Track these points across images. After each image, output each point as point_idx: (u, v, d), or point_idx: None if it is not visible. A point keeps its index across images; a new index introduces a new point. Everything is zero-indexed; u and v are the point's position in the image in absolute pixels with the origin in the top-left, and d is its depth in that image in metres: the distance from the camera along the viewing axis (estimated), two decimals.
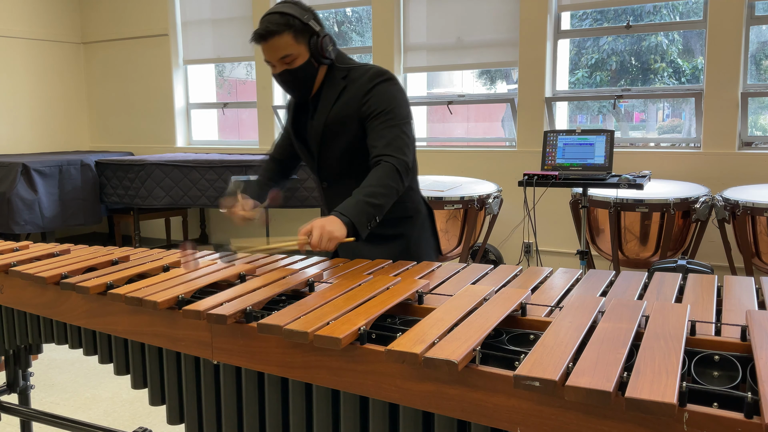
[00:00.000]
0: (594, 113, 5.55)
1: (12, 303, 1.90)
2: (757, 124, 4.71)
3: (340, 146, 1.96)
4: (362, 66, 1.97)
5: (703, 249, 4.25)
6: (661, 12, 5.12)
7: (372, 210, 1.75)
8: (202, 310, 1.36)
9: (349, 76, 1.95)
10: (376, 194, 1.76)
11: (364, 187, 1.78)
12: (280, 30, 1.82)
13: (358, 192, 1.77)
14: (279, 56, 1.86)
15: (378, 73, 1.92)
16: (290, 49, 1.85)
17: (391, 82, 1.92)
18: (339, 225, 1.67)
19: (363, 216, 1.73)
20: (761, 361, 0.97)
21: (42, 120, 6.65)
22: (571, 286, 1.52)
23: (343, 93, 1.94)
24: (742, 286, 1.44)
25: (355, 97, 1.92)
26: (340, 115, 1.93)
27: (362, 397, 1.22)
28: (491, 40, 5.08)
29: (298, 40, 1.85)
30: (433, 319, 1.21)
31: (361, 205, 1.73)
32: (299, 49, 1.86)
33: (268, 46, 1.85)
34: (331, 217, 1.69)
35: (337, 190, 2.03)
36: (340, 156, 1.97)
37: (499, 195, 4.37)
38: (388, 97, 1.89)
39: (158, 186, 5.36)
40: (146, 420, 2.92)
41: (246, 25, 6.04)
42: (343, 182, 2.01)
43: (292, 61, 1.87)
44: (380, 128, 1.85)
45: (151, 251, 2.03)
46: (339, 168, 2.01)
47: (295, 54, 1.86)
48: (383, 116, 1.86)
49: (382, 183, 1.78)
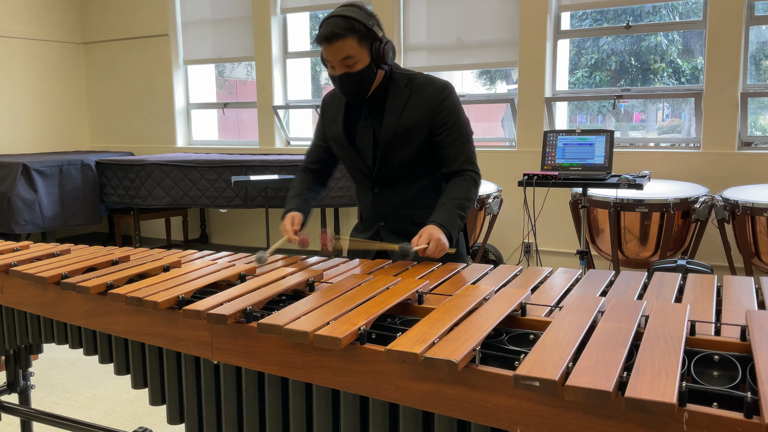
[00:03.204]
0: (594, 113, 5.55)
1: (12, 303, 1.90)
2: (757, 124, 4.72)
3: (405, 153, 2.00)
4: (421, 75, 2.03)
5: (703, 249, 4.25)
6: (660, 12, 5.12)
7: (461, 222, 1.93)
8: (202, 310, 1.36)
9: (412, 84, 2.00)
10: (464, 207, 1.94)
11: (455, 198, 1.93)
12: (345, 34, 1.84)
13: (449, 203, 1.92)
14: (341, 57, 1.87)
15: (445, 84, 2.01)
16: (353, 52, 1.87)
17: (455, 94, 2.02)
18: (444, 236, 1.83)
19: (456, 228, 1.90)
20: (761, 361, 0.97)
21: (42, 120, 6.65)
22: (571, 286, 1.52)
23: (409, 101, 1.98)
24: (741, 286, 1.44)
25: (425, 107, 1.97)
26: (410, 123, 1.98)
27: (362, 397, 1.22)
28: (491, 40, 5.08)
29: (362, 45, 1.87)
30: (433, 319, 1.21)
31: (455, 219, 1.90)
32: (362, 53, 1.88)
33: (332, 48, 1.86)
34: (436, 228, 1.84)
35: (388, 195, 2.07)
36: (404, 162, 2.01)
37: (499, 195, 4.37)
38: (458, 110, 2.00)
39: (158, 186, 5.36)
40: (146, 420, 2.93)
41: (246, 25, 6.04)
42: (396, 187, 2.05)
43: (353, 64, 1.88)
44: (458, 142, 1.99)
45: (151, 251, 2.03)
46: (397, 174, 2.04)
47: (357, 57, 1.88)
48: (457, 130, 1.99)
49: (468, 196, 1.96)
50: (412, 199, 2.05)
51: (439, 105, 1.97)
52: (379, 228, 2.09)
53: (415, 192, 2.05)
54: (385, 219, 2.08)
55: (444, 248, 1.82)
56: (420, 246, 1.80)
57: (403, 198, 2.05)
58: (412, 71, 2.04)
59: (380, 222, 2.09)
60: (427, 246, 1.80)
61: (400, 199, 2.05)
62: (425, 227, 1.86)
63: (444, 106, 1.97)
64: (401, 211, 2.05)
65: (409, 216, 2.04)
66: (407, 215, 2.05)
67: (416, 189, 2.04)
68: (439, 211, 1.91)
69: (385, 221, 2.08)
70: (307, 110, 6.14)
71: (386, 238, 2.06)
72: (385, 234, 2.08)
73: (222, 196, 5.24)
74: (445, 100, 1.98)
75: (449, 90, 1.99)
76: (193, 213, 6.57)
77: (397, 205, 2.06)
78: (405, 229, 2.03)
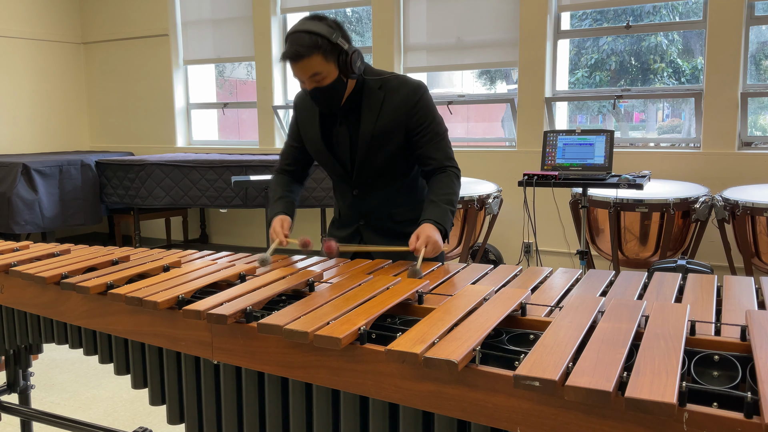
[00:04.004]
0: (594, 113, 5.55)
1: (12, 303, 1.90)
2: (757, 124, 4.71)
3: (383, 155, 2.02)
4: (393, 76, 2.03)
5: (703, 249, 4.25)
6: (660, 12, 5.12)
7: (451, 216, 1.97)
8: (202, 310, 1.36)
9: (385, 86, 2.01)
10: (453, 201, 1.98)
11: (443, 194, 1.97)
12: (309, 53, 1.83)
13: (438, 199, 1.96)
14: (308, 75, 1.88)
15: (419, 84, 2.03)
16: (320, 68, 1.87)
17: (428, 94, 2.04)
18: (439, 235, 1.87)
19: (449, 223, 1.95)
20: (761, 361, 0.97)
21: (42, 120, 6.65)
22: (571, 286, 1.52)
23: (384, 104, 1.99)
24: (741, 286, 1.44)
25: (400, 109, 1.99)
26: (386, 126, 1.99)
27: (362, 397, 1.22)
28: (491, 40, 5.08)
29: (328, 60, 1.87)
30: (433, 319, 1.21)
31: (447, 214, 1.95)
32: (329, 68, 1.88)
33: (298, 67, 1.87)
34: (432, 227, 1.87)
35: (367, 197, 2.09)
36: (382, 164, 2.03)
37: (499, 195, 4.37)
38: (433, 110, 2.03)
39: (158, 186, 5.36)
40: (146, 420, 2.93)
41: (246, 25, 6.04)
42: (375, 189, 2.08)
43: (322, 80, 1.89)
44: (435, 140, 2.02)
45: (151, 251, 2.03)
46: (376, 176, 2.06)
47: (325, 73, 1.88)
48: (433, 129, 2.02)
49: (454, 191, 2.00)
50: (391, 198, 2.08)
51: (414, 106, 1.99)
52: (359, 227, 2.12)
53: (393, 191, 2.08)
54: (365, 218, 2.11)
55: (439, 249, 1.85)
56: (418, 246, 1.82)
57: (382, 197, 2.08)
58: (384, 72, 2.05)
59: (360, 221, 2.12)
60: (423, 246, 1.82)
61: (379, 199, 2.08)
62: (421, 226, 1.87)
63: (419, 107, 1.99)
64: (380, 210, 2.09)
65: (388, 214, 2.08)
66: (386, 214, 2.08)
67: (394, 188, 2.08)
68: (430, 208, 1.93)
69: (365, 220, 2.11)
70: None
71: (366, 236, 2.10)
72: (365, 232, 2.11)
73: (222, 196, 5.24)
74: (419, 100, 1.99)
75: (423, 90, 2.01)
76: (193, 213, 6.57)
77: (376, 204, 2.09)
78: (384, 227, 2.08)
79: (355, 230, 2.12)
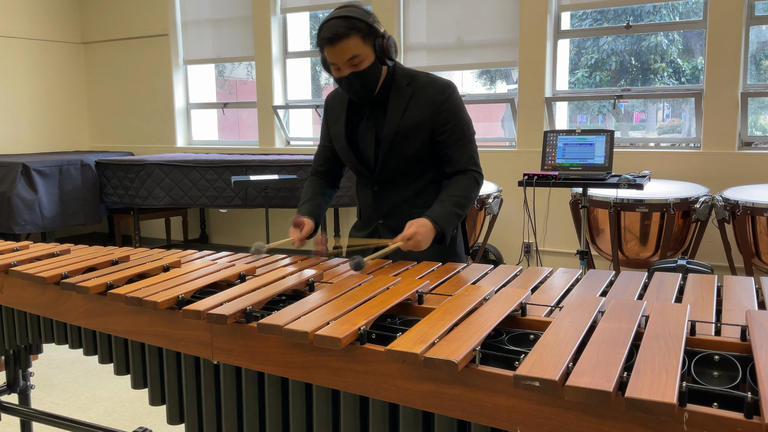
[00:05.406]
0: (594, 113, 5.55)
1: (12, 303, 1.90)
2: (757, 124, 4.71)
3: (407, 152, 2.00)
4: (424, 74, 2.03)
5: (703, 249, 4.25)
6: (661, 12, 5.12)
7: (457, 220, 1.94)
8: (202, 310, 1.36)
9: (414, 83, 2.00)
10: (462, 205, 1.95)
11: (454, 195, 1.94)
12: (348, 33, 1.83)
13: (447, 200, 1.93)
14: (347, 58, 1.87)
15: (447, 83, 2.00)
16: (358, 50, 1.86)
17: (457, 94, 2.02)
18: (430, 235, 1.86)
19: (451, 226, 1.92)
20: (761, 361, 0.97)
21: (42, 120, 6.65)
22: (571, 286, 1.52)
23: (411, 100, 1.98)
24: (742, 286, 1.44)
25: (427, 106, 1.97)
26: (412, 123, 1.98)
27: (362, 397, 1.22)
28: (491, 40, 5.08)
29: (365, 42, 1.87)
30: (433, 319, 1.21)
31: (451, 216, 1.92)
32: (366, 50, 1.88)
33: (336, 50, 1.86)
34: (426, 225, 1.85)
35: (387, 193, 2.07)
36: (405, 162, 2.02)
37: (499, 195, 4.37)
38: (460, 110, 2.00)
39: (158, 186, 5.36)
40: (146, 420, 2.92)
41: (246, 25, 6.04)
42: (396, 185, 2.06)
43: (359, 63, 1.88)
44: (461, 143, 1.99)
45: (151, 251, 2.03)
46: (398, 173, 2.04)
47: (363, 56, 1.88)
48: (459, 130, 1.99)
49: (468, 195, 1.97)
50: (411, 197, 2.05)
51: (441, 105, 1.97)
52: (378, 225, 2.10)
53: (414, 190, 2.05)
54: (384, 216, 2.08)
55: (420, 248, 1.84)
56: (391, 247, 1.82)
57: (403, 196, 2.06)
58: (414, 70, 2.04)
59: (379, 219, 2.10)
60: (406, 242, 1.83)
61: (399, 197, 2.06)
62: (416, 219, 1.87)
63: (446, 106, 1.97)
64: (400, 209, 2.06)
65: (408, 214, 2.04)
66: (406, 213, 2.05)
67: (416, 187, 2.05)
68: (436, 206, 1.93)
69: (384, 218, 2.09)
70: (307, 110, 6.14)
71: (384, 235, 2.07)
72: (383, 231, 2.09)
73: (222, 196, 5.24)
74: (447, 100, 1.97)
75: (451, 90, 1.99)
76: (193, 213, 6.57)
77: (396, 202, 2.06)
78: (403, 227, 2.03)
79: (374, 230, 2.11)
